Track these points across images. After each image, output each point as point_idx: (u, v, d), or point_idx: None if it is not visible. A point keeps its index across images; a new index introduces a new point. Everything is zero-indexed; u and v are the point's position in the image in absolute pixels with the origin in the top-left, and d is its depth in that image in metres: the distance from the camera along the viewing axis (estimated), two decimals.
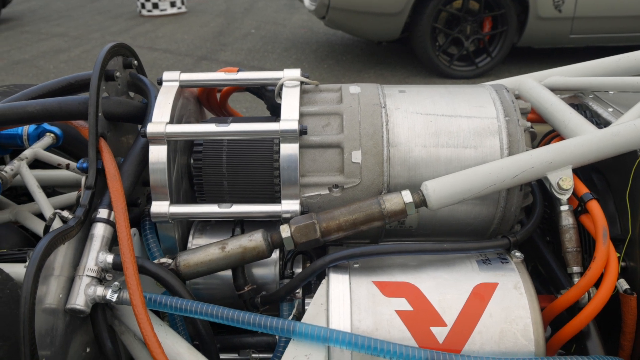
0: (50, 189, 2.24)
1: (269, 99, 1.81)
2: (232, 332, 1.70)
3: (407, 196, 1.51)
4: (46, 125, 2.06)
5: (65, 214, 1.61)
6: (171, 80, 1.71)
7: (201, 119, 1.95)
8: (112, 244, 1.51)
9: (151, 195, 1.59)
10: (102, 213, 1.52)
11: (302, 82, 1.71)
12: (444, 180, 1.53)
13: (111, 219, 1.51)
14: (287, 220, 1.57)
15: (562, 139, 1.68)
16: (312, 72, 7.28)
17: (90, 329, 1.49)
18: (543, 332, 1.36)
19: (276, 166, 1.68)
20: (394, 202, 1.51)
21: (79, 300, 1.39)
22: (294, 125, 1.56)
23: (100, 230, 1.50)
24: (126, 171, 1.60)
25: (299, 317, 1.58)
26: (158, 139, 1.57)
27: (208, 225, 1.79)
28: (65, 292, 1.40)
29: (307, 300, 1.57)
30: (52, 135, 2.04)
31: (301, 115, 1.64)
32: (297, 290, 1.56)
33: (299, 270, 1.67)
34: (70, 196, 2.08)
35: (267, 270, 1.69)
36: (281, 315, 1.58)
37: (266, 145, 1.67)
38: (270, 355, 1.66)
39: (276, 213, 1.58)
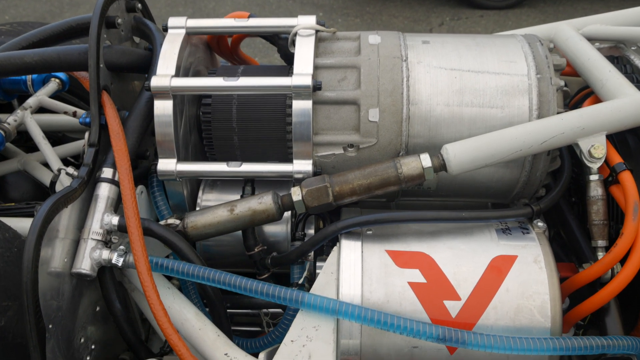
0: (61, 134, 2.18)
1: (282, 47, 1.69)
2: None
3: (425, 160, 1.42)
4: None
5: (71, 170, 1.56)
6: (177, 27, 1.59)
7: (212, 67, 1.84)
8: (118, 204, 1.46)
9: (157, 151, 1.52)
10: (107, 172, 1.46)
11: (317, 31, 1.59)
12: (466, 143, 1.43)
13: (116, 178, 1.45)
14: (299, 181, 1.50)
15: (597, 98, 1.55)
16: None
17: (99, 287, 1.47)
18: (561, 308, 1.30)
19: (289, 121, 1.59)
20: (411, 166, 1.42)
21: (85, 265, 1.36)
22: (307, 81, 1.45)
23: (104, 191, 1.45)
24: (131, 127, 1.53)
25: (310, 278, 1.54)
26: (163, 93, 1.48)
27: (218, 180, 1.73)
28: (71, 255, 1.37)
29: (318, 263, 1.53)
30: (58, 80, 1.96)
31: (315, 67, 1.52)
32: (309, 254, 1.51)
33: (311, 231, 1.61)
34: (78, 144, 2.02)
35: (278, 230, 1.64)
36: (292, 277, 1.54)
37: (278, 100, 1.57)
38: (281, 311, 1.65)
39: (288, 173, 1.51)
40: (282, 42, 1.67)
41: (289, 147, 1.63)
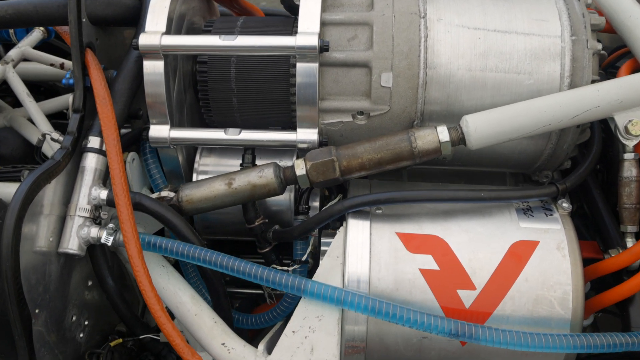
0: (52, 82, 2.04)
1: None
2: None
3: (443, 133, 1.29)
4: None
5: (56, 135, 1.44)
6: None
7: (209, 16, 1.67)
8: (107, 176, 1.35)
9: (148, 116, 1.39)
10: (93, 142, 1.34)
11: None
12: (489, 115, 1.29)
13: (104, 148, 1.33)
14: (303, 152, 1.38)
15: (636, 63, 1.39)
16: None
17: (90, 262, 1.39)
18: (583, 300, 1.21)
19: (292, 82, 1.44)
20: (427, 140, 1.29)
21: (72, 244, 1.27)
22: (313, 41, 1.30)
23: (91, 162, 1.33)
24: (119, 89, 1.39)
25: (314, 252, 1.45)
26: (152, 53, 1.33)
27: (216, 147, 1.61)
28: (57, 233, 1.28)
29: (323, 239, 1.43)
30: (42, 29, 1.79)
31: (322, 24, 1.36)
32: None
33: (316, 204, 1.50)
34: (66, 98, 1.88)
35: (280, 200, 1.52)
36: (294, 253, 1.45)
37: (281, 59, 1.42)
38: None
39: (291, 142, 1.38)
40: None
41: (293, 111, 1.49)
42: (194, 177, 1.55)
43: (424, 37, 1.34)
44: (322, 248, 1.41)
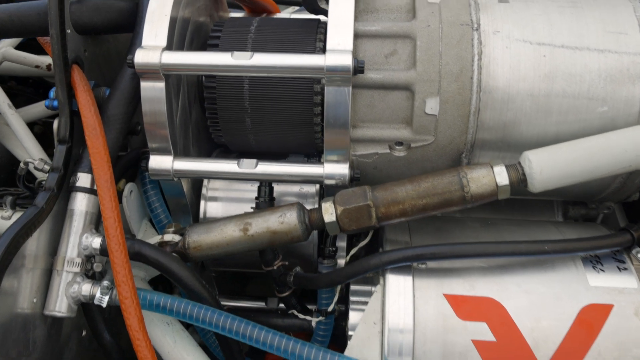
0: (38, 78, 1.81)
1: (308, 1, 1.27)
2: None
3: (501, 175, 1.08)
4: None
5: (41, 164, 1.22)
6: None
7: (217, 13, 1.43)
8: (99, 218, 1.14)
9: (147, 145, 1.17)
10: (83, 179, 1.13)
11: None
12: (556, 154, 1.08)
13: (95, 187, 1.12)
14: (331, 189, 1.17)
15: None
16: None
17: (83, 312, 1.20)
18: None
19: (317, 101, 1.22)
20: (482, 183, 1.08)
21: (60, 305, 1.07)
22: (346, 61, 1.07)
23: (81, 204, 1.12)
24: (112, 115, 1.17)
25: (341, 298, 1.26)
26: (151, 72, 1.10)
27: None
28: (42, 291, 1.08)
29: (353, 286, 1.24)
30: None
31: (355, 36, 1.13)
32: None
33: (342, 244, 1.30)
34: None
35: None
36: (319, 302, 1.26)
37: (303, 82, 1.20)
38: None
39: (317, 177, 1.17)
40: None
41: (316, 132, 1.28)
42: (202, 205, 1.35)
43: (478, 54, 1.12)
44: (352, 298, 1.22)
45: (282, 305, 1.41)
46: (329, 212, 1.11)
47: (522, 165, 1.09)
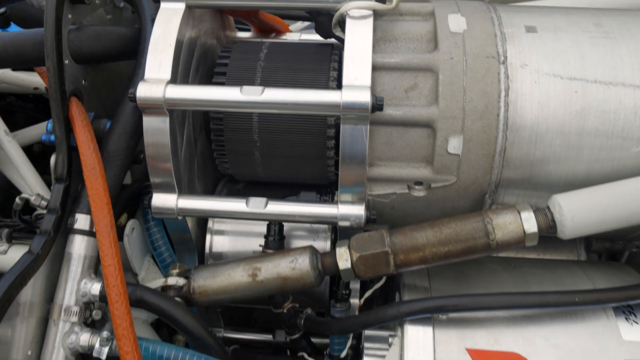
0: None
1: (322, 25, 1.19)
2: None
3: (529, 222, 1.00)
4: (13, 29, 1.47)
5: (38, 199, 1.16)
6: None
7: (224, 34, 1.35)
8: (98, 263, 1.07)
9: (150, 182, 1.10)
10: (81, 221, 1.06)
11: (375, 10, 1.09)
12: (588, 198, 1.01)
13: (94, 229, 1.05)
14: (345, 232, 1.10)
15: None
16: None
17: None
18: None
19: (330, 134, 1.15)
20: (508, 230, 1.00)
21: (57, 358, 1.00)
22: (364, 97, 0.99)
23: (79, 248, 1.05)
24: (113, 151, 1.10)
25: (354, 354, 1.20)
26: (154, 107, 1.03)
27: (236, 194, 1.33)
28: (37, 342, 1.01)
29: (367, 332, 1.16)
30: None
31: (373, 68, 1.05)
32: None
33: (356, 285, 1.23)
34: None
35: None
36: (331, 348, 1.19)
37: (316, 115, 1.13)
38: None
39: (331, 218, 1.10)
40: (323, 20, 1.18)
41: (330, 166, 1.21)
42: (208, 239, 1.28)
43: (505, 89, 1.04)
44: (366, 344, 1.15)
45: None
46: (344, 258, 1.04)
47: (552, 210, 1.01)
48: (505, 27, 1.10)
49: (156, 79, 1.03)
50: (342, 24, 1.12)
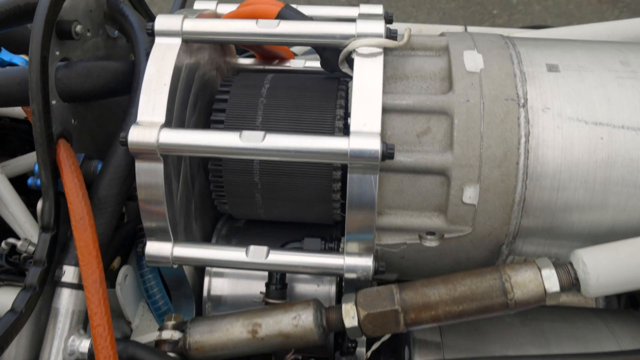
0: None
1: (328, 60, 1.12)
2: None
3: (550, 280, 0.93)
4: (4, 55, 1.40)
5: (25, 245, 1.09)
6: (169, 33, 1.02)
7: (225, 61, 1.28)
8: (87, 316, 1.00)
9: (143, 229, 1.03)
10: (69, 273, 0.99)
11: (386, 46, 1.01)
12: (614, 255, 0.93)
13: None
14: (351, 285, 1.03)
15: None
16: None
17: None
18: None
19: (336, 177, 1.08)
20: (528, 289, 0.93)
21: None
22: (374, 145, 0.92)
23: (67, 302, 0.98)
24: (104, 197, 1.03)
25: None
26: (147, 153, 0.96)
27: (236, 232, 1.26)
28: None
29: None
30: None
31: (383, 110, 0.97)
32: None
33: (362, 338, 1.16)
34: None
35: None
36: None
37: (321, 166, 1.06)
38: None
39: (336, 269, 1.02)
40: (329, 55, 1.10)
41: (335, 208, 1.14)
42: (206, 282, 1.21)
43: (525, 135, 0.96)
44: None
45: None
46: (351, 315, 0.97)
47: (575, 267, 0.94)
48: (525, 65, 1.02)
49: (149, 122, 0.96)
50: (349, 59, 1.05)
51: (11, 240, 1.10)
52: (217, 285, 1.21)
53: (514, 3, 3.23)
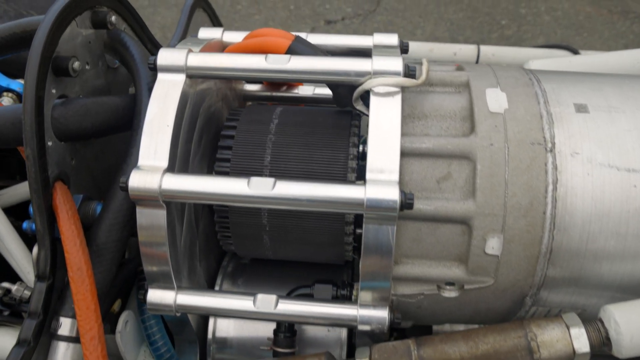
0: None
1: (341, 97, 1.06)
2: None
3: (579, 339, 0.87)
4: (0, 80, 1.34)
5: (20, 290, 1.03)
6: (173, 69, 0.96)
7: (231, 90, 1.22)
8: None
9: (144, 276, 0.97)
10: (66, 326, 0.93)
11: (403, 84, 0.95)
12: None
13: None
14: (364, 338, 0.97)
15: None
16: None
17: None
18: None
19: (348, 220, 1.02)
20: (555, 348, 0.87)
21: None
22: (392, 195, 0.86)
23: (64, 356, 0.92)
24: (103, 244, 0.96)
25: None
26: (149, 199, 0.90)
27: (242, 271, 1.20)
28: None
29: None
30: (13, 95, 1.33)
31: (401, 153, 0.91)
32: None
33: None
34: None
35: None
36: None
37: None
38: None
39: (349, 321, 0.96)
40: (342, 91, 1.04)
41: (347, 251, 1.08)
42: (211, 323, 1.15)
43: (553, 182, 0.90)
44: None
45: None
46: None
47: (606, 326, 0.88)
48: (552, 105, 0.96)
49: (151, 166, 0.90)
50: (364, 96, 0.99)
51: (5, 284, 1.04)
52: (223, 327, 1.15)
53: (523, 14, 3.17)
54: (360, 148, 1.04)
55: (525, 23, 3.12)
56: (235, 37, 1.14)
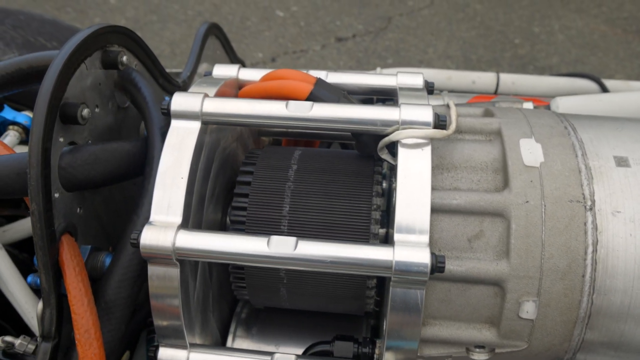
0: None
1: (363, 144, 1.00)
2: None
3: None
4: (7, 113, 1.29)
5: (23, 345, 0.97)
6: (187, 116, 0.91)
7: (250, 133, 1.16)
8: None
9: (154, 328, 0.92)
10: None
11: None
12: None
13: None
14: None
15: None
16: None
17: None
18: None
19: (371, 284, 0.96)
20: None
21: None
22: (422, 258, 0.80)
23: None
24: (112, 301, 0.91)
25: None
26: (161, 257, 0.84)
27: (256, 318, 1.14)
28: None
29: None
30: (19, 129, 1.28)
31: (431, 210, 0.85)
32: None
33: None
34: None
35: None
36: None
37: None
38: None
39: None
40: (367, 139, 0.98)
41: (368, 304, 1.02)
42: None
43: (592, 243, 0.85)
44: None
45: None
46: None
47: None
48: (590, 158, 0.90)
49: (164, 222, 0.84)
50: (389, 145, 0.93)
51: (8, 338, 0.98)
52: None
53: (536, 32, 3.11)
54: (384, 184, 0.99)
55: (539, 42, 3.06)
56: (251, 74, 1.08)
